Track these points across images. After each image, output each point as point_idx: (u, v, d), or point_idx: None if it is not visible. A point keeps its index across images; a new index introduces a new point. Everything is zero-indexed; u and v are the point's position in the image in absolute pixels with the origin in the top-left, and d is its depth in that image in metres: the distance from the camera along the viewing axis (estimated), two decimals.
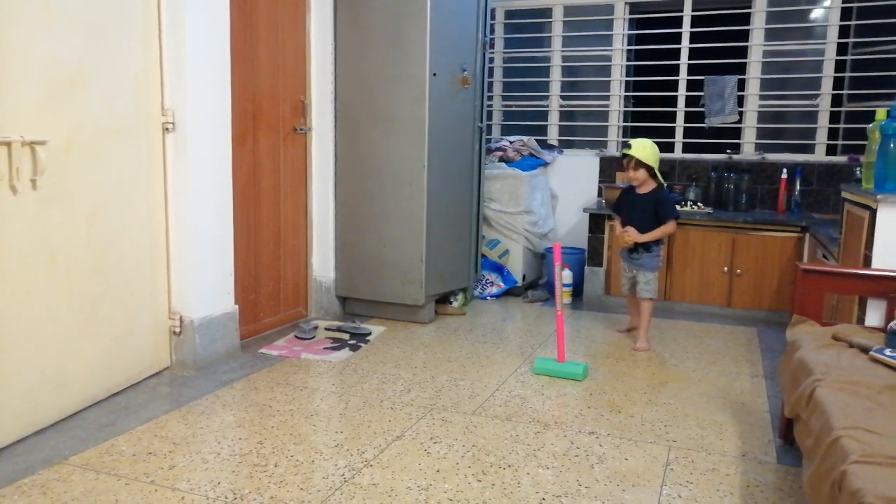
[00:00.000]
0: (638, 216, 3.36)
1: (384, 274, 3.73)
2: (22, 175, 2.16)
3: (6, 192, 2.12)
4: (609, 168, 4.70)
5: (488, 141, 4.54)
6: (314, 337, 3.42)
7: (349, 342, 3.36)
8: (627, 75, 4.82)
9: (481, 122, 4.10)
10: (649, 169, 3.29)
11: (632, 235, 3.35)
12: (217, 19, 2.92)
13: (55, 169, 2.28)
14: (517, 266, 4.48)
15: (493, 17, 4.73)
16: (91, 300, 2.49)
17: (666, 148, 4.67)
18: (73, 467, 2.05)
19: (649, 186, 3.36)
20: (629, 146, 3.28)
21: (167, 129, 2.80)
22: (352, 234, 3.81)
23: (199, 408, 2.53)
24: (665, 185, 3.46)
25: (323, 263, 3.84)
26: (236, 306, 3.14)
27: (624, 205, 3.46)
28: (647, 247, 3.38)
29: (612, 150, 4.80)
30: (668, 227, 3.35)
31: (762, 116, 4.49)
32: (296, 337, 3.41)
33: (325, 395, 2.70)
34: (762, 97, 4.47)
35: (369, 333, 3.49)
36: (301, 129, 3.64)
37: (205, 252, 2.94)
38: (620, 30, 4.73)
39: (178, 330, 2.91)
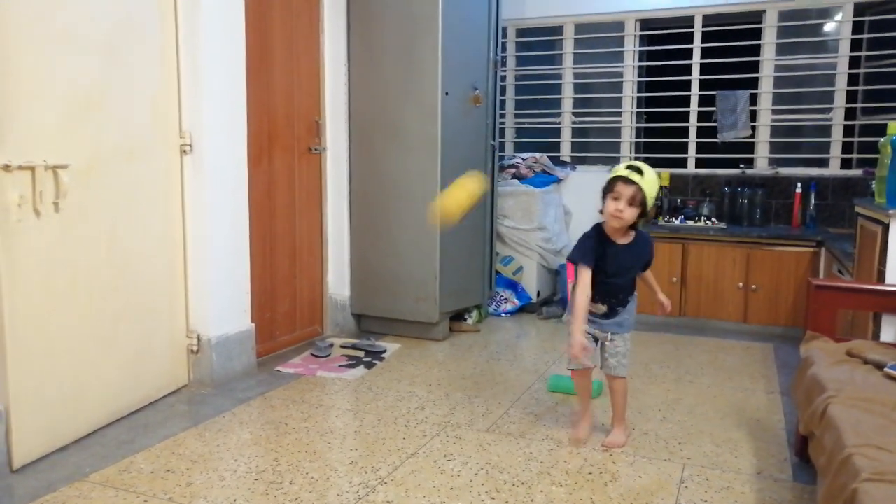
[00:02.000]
0: (625, 276, 2.38)
1: (398, 291, 3.76)
2: (45, 198, 2.22)
3: (30, 216, 2.18)
4: None
5: (501, 158, 4.57)
6: (330, 355, 3.45)
7: (364, 360, 3.38)
8: (639, 91, 4.84)
9: (494, 139, 4.14)
10: (643, 211, 2.28)
11: (666, 306, 2.56)
12: (233, 42, 2.98)
13: (76, 191, 2.34)
14: (531, 282, 4.49)
15: (504, 36, 4.78)
16: (110, 319, 2.53)
17: (679, 163, 4.68)
18: (94, 484, 2.09)
19: (628, 235, 2.36)
20: (638, 171, 2.24)
21: (184, 150, 2.86)
22: (366, 251, 3.85)
23: (217, 425, 2.57)
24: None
25: (338, 281, 3.88)
26: (253, 324, 3.18)
27: (601, 258, 2.34)
28: (626, 300, 2.43)
29: None
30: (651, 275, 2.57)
31: (775, 131, 4.49)
32: (312, 355, 3.44)
33: (340, 413, 2.73)
34: (775, 111, 4.47)
35: (384, 351, 3.52)
36: (316, 149, 3.70)
37: (221, 271, 2.99)
38: (631, 46, 4.76)
39: (195, 348, 2.95)
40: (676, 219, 4.32)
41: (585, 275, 2.31)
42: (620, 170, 2.26)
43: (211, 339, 2.94)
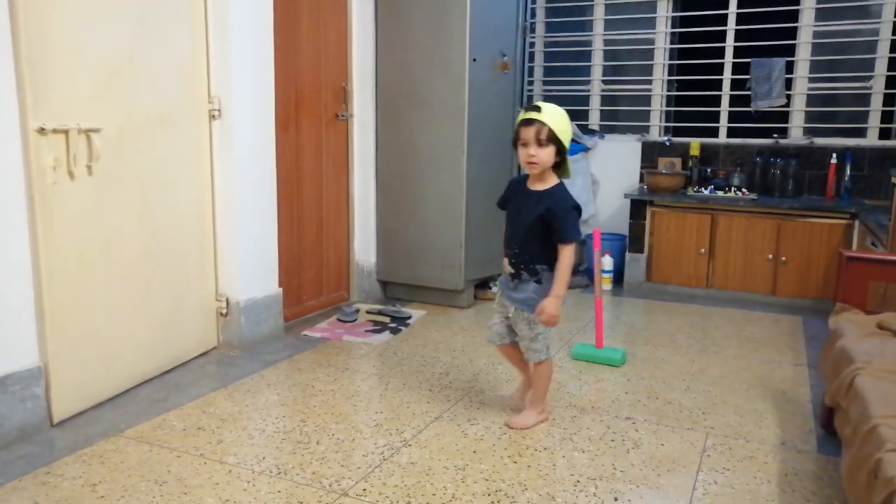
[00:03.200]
0: (521, 225, 2.18)
1: (424, 259, 3.78)
2: (78, 162, 2.26)
3: (64, 178, 2.23)
4: (651, 153, 4.64)
5: None
6: (356, 320, 3.49)
7: (390, 325, 3.42)
8: (671, 59, 4.74)
9: (521, 107, 4.09)
10: (559, 149, 2.10)
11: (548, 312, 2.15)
12: (261, 8, 2.98)
13: (109, 155, 2.38)
14: None
15: (533, 2, 4.70)
16: (142, 282, 2.59)
17: (710, 132, 4.59)
18: (129, 439, 2.16)
19: (548, 181, 2.17)
20: (536, 108, 2.07)
21: (213, 116, 2.88)
22: (392, 219, 3.86)
23: (245, 386, 2.63)
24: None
25: (364, 248, 3.91)
26: (280, 289, 3.23)
27: (510, 203, 2.27)
28: (533, 269, 2.18)
29: (655, 136, 4.74)
30: (568, 258, 2.13)
31: (811, 100, 4.37)
32: (338, 320, 3.49)
33: (365, 377, 2.77)
34: (811, 79, 4.34)
35: (409, 317, 3.55)
36: (343, 116, 3.70)
37: (250, 236, 3.03)
38: (664, 12, 4.64)
39: (224, 311, 3.01)
40: (706, 189, 4.26)
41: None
42: (519, 116, 2.11)
43: (239, 303, 2.99)
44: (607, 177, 4.78)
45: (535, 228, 2.14)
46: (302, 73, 3.39)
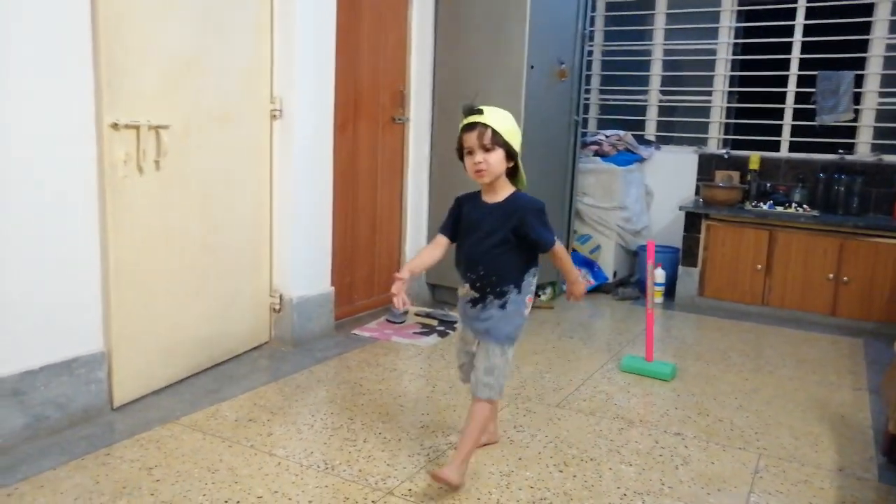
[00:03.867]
0: (486, 244, 1.87)
1: None
2: (147, 157, 2.34)
3: (134, 172, 2.31)
4: (708, 166, 4.55)
5: (584, 135, 4.50)
6: (404, 321, 3.52)
7: (437, 328, 3.44)
8: (732, 70, 4.64)
9: (577, 115, 4.07)
10: (510, 154, 1.83)
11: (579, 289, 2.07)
12: (325, 12, 3.04)
13: (174, 151, 2.46)
14: (608, 262, 4.43)
15: (593, 9, 4.67)
16: (200, 275, 2.67)
17: (771, 146, 4.48)
18: (183, 427, 2.22)
19: (505, 189, 1.89)
20: (477, 111, 1.83)
21: (274, 115, 2.95)
22: (441, 221, 3.88)
23: (295, 381, 2.68)
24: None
25: (415, 250, 3.94)
26: (332, 288, 3.28)
27: (464, 221, 1.94)
28: (500, 291, 1.87)
29: (713, 148, 4.65)
30: (562, 251, 1.95)
31: (881, 115, 4.22)
32: (387, 321, 3.53)
33: (413, 378, 2.79)
34: (882, 94, 4.19)
35: (457, 321, 3.56)
36: (399, 119, 3.74)
37: (305, 234, 3.09)
38: (728, 22, 4.55)
39: (277, 307, 3.07)
40: (764, 204, 4.15)
41: (437, 237, 2.00)
42: (463, 122, 1.85)
43: (292, 299, 3.05)
44: (662, 188, 4.70)
45: (507, 245, 1.85)
46: (361, 77, 3.45)
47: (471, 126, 1.81)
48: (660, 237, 4.66)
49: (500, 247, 1.86)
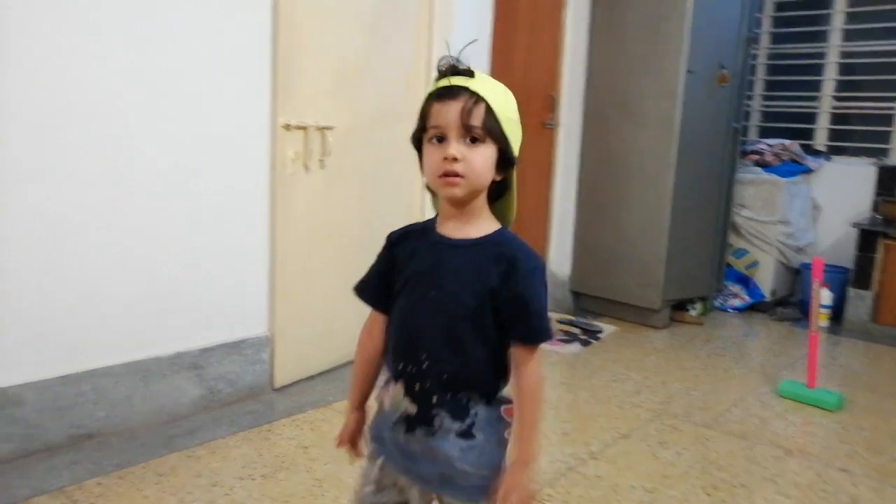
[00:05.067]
0: (438, 312, 1.05)
1: (621, 273, 3.69)
2: (313, 156, 2.51)
3: (300, 170, 2.49)
4: (890, 179, 4.13)
5: (744, 143, 4.25)
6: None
7: (580, 337, 3.39)
8: None
9: (737, 122, 3.85)
10: (505, 157, 1.07)
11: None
12: (482, 15, 3.11)
13: (337, 151, 2.61)
14: (766, 279, 4.14)
15: (759, 11, 4.40)
16: (355, 269, 2.78)
17: None
18: (335, 412, 2.35)
19: (481, 220, 1.10)
20: (465, 70, 1.07)
21: None
22: (591, 230, 3.82)
23: None
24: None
25: (559, 257, 3.91)
26: None
27: (402, 270, 1.15)
28: (460, 404, 1.04)
29: (895, 160, 4.21)
30: (538, 378, 1.07)
31: None
32: None
33: (554, 385, 2.77)
34: None
35: (601, 331, 3.49)
36: (549, 125, 3.73)
37: None
38: None
39: None
40: None
41: (368, 319, 1.24)
42: (434, 85, 1.06)
43: None
44: (831, 203, 4.32)
45: (478, 320, 1.03)
46: (514, 81, 3.41)
47: (449, 92, 1.02)
48: (827, 255, 4.28)
49: (466, 321, 1.03)
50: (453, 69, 1.05)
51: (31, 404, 1.87)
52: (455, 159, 1.00)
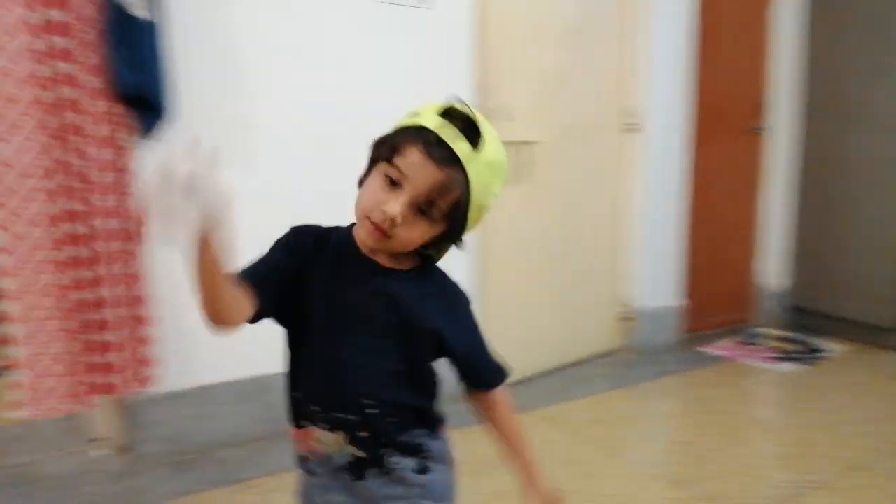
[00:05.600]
0: (378, 354, 0.94)
1: (847, 288, 3.34)
2: (519, 169, 2.60)
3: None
4: None
5: None
6: (758, 344, 3.28)
7: (796, 355, 3.12)
8: None
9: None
10: (450, 236, 0.95)
11: None
12: (683, 23, 3.01)
13: (540, 164, 2.68)
14: None
15: None
16: (558, 279, 2.85)
17: None
18: (536, 418, 2.41)
19: (408, 259, 0.98)
20: (473, 129, 0.89)
21: (631, 128, 3.01)
22: (811, 241, 3.51)
23: (641, 391, 2.69)
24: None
25: (771, 269, 3.64)
26: (681, 303, 3.22)
27: (317, 296, 0.94)
28: (410, 443, 0.98)
29: None
30: (509, 409, 1.09)
31: None
32: (738, 341, 3.32)
33: (769, 404, 2.60)
34: None
35: (821, 350, 3.19)
36: (757, 129, 3.49)
37: (659, 247, 3.09)
38: None
39: (626, 317, 3.12)
40: None
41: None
42: (427, 116, 0.91)
43: (642, 310, 3.07)
44: None
45: (414, 355, 0.96)
46: (718, 87, 3.30)
47: (440, 154, 0.87)
48: None
49: (405, 360, 0.95)
50: (465, 121, 0.89)
51: (276, 391, 2.14)
52: (393, 221, 0.87)
